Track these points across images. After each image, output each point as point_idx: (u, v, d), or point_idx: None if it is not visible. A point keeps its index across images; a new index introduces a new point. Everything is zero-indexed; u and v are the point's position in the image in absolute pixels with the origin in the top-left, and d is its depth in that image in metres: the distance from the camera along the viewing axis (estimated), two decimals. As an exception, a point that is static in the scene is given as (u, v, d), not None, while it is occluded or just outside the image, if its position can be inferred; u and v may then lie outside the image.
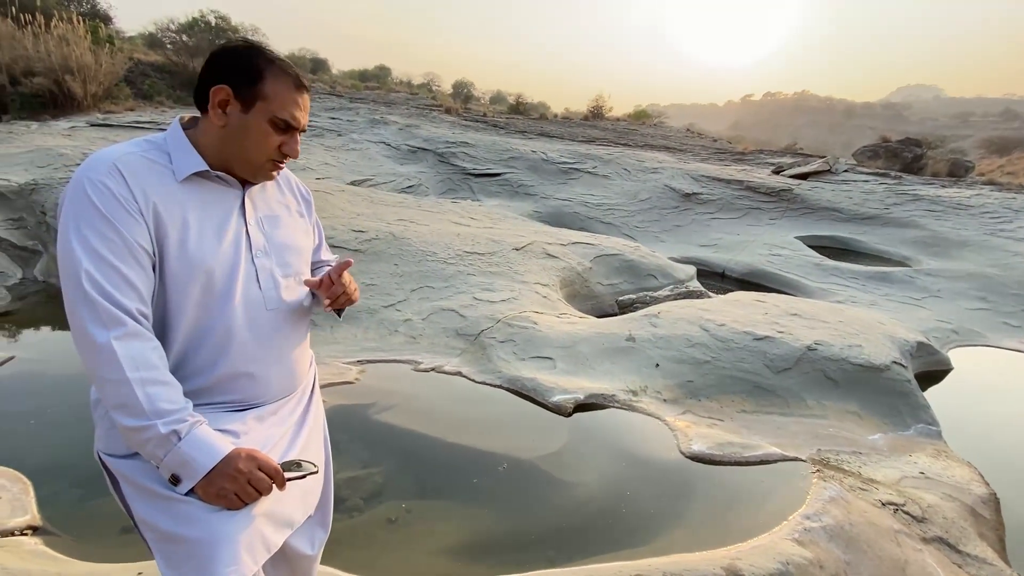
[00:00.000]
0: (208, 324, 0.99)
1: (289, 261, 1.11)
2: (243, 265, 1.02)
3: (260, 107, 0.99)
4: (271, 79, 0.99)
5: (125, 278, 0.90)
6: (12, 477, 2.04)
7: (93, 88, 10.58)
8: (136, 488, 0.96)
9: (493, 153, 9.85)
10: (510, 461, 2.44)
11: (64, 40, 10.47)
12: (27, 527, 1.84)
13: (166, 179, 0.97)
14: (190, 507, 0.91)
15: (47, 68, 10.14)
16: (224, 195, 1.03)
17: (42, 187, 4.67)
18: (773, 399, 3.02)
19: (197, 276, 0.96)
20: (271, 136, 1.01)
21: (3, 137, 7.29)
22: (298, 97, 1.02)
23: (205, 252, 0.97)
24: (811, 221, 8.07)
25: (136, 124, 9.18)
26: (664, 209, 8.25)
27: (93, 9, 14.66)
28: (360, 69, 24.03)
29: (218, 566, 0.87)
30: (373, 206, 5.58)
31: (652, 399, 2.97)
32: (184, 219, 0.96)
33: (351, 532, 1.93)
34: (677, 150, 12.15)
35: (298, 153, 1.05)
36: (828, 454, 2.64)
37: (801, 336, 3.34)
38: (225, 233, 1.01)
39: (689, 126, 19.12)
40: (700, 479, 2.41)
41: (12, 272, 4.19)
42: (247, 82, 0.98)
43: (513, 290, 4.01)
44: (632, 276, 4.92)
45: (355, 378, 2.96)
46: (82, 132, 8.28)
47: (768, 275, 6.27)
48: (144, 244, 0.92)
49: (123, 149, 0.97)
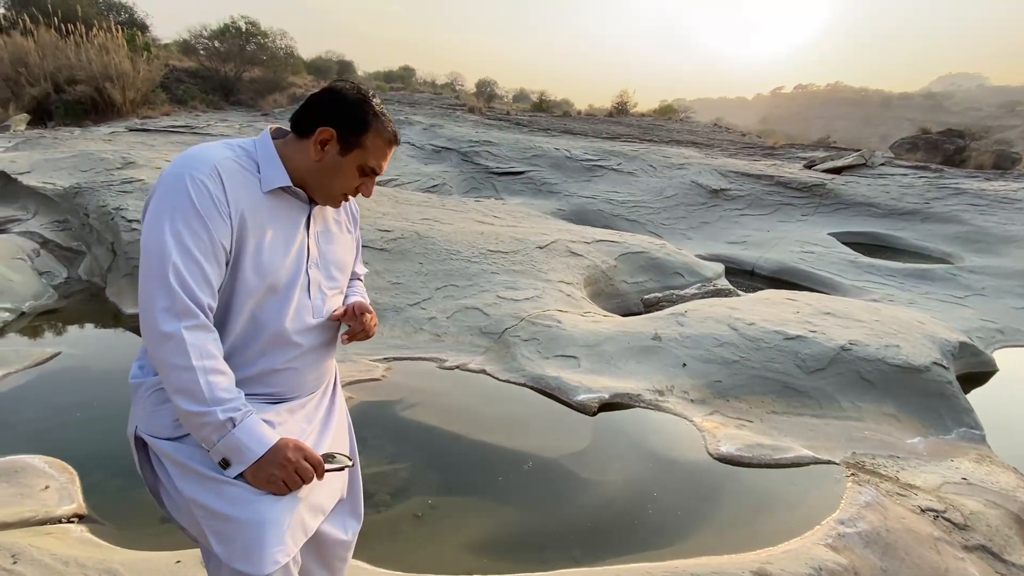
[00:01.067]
0: (263, 323, 1.06)
1: (335, 275, 1.19)
2: (301, 275, 1.10)
3: (357, 154, 1.08)
4: (373, 133, 1.07)
5: (205, 274, 0.97)
6: (59, 467, 2.13)
7: (131, 94, 11.00)
8: (183, 469, 1.02)
9: (516, 151, 9.84)
10: (535, 459, 2.44)
11: (104, 49, 10.91)
12: (73, 515, 1.93)
13: (253, 188, 1.04)
14: (238, 489, 0.97)
15: (88, 76, 10.60)
16: (296, 209, 1.11)
17: (85, 190, 4.87)
18: (805, 400, 2.94)
19: (264, 280, 1.04)
20: (356, 179, 1.11)
21: (49, 143, 7.65)
22: (388, 151, 1.11)
23: (276, 261, 1.05)
24: (845, 217, 7.81)
25: (171, 128, 9.50)
26: (691, 206, 8.10)
27: (131, 18, 15.22)
28: (385, 70, 24.32)
29: (266, 547, 0.94)
30: (398, 206, 5.64)
31: (679, 399, 2.93)
32: (263, 228, 1.04)
33: (378, 526, 1.96)
34: (704, 145, 11.92)
35: (371, 194, 1.16)
36: (864, 457, 2.55)
37: (835, 336, 3.24)
38: (293, 244, 1.09)
39: (716, 121, 18.74)
40: (728, 481, 2.37)
41: (58, 272, 4.39)
42: (352, 130, 1.06)
43: (537, 288, 4.01)
44: (658, 274, 4.86)
45: (382, 375, 3.00)
46: (122, 137, 8.61)
47: (800, 273, 6.10)
48: (225, 245, 0.99)
49: (222, 153, 1.03)
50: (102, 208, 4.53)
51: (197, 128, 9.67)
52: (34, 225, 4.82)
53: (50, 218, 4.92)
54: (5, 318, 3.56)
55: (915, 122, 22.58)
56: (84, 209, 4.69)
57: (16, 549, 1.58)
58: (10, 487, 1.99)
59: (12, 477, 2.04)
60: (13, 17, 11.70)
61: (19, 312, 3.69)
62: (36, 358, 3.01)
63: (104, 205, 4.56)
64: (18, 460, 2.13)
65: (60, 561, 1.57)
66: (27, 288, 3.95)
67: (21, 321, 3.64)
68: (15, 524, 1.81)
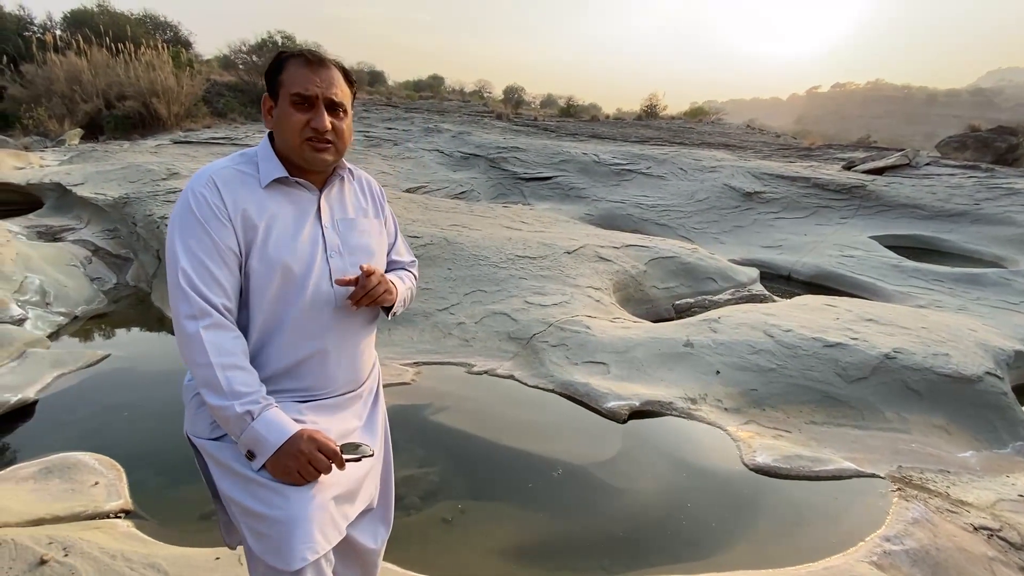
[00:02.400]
0: (283, 316, 1.08)
1: (360, 260, 1.16)
2: (318, 264, 1.10)
3: (282, 94, 1.08)
4: (288, 68, 1.08)
5: (214, 276, 1.02)
6: (108, 464, 2.23)
7: (176, 108, 11.52)
8: (221, 467, 1.07)
9: (544, 157, 9.84)
10: (564, 466, 2.42)
11: (151, 66, 11.47)
12: (120, 510, 2.01)
13: (253, 187, 1.08)
14: (268, 488, 1.00)
15: (136, 92, 11.15)
16: (302, 199, 1.13)
17: (133, 200, 5.12)
18: (846, 410, 2.82)
19: (275, 272, 1.06)
20: (295, 115, 1.07)
21: (100, 155, 8.07)
22: (309, 72, 1.07)
23: (282, 250, 1.07)
24: (888, 219, 7.50)
25: (212, 140, 9.89)
26: (723, 209, 7.93)
27: (176, 36, 15.96)
28: (415, 79, 24.76)
29: (295, 544, 0.96)
30: (427, 212, 5.71)
31: (712, 407, 2.85)
32: (266, 221, 1.07)
33: (407, 530, 1.98)
34: (737, 147, 11.66)
35: (324, 124, 1.07)
36: (911, 472, 2.43)
37: (878, 343, 3.10)
38: (301, 234, 1.10)
39: (749, 122, 18.31)
40: (765, 493, 2.29)
41: (108, 277, 4.61)
42: (273, 79, 1.10)
43: (565, 294, 3.99)
44: (689, 279, 4.76)
45: (412, 379, 3.04)
46: (167, 149, 9.02)
47: (839, 277, 5.88)
48: (232, 247, 1.04)
49: (221, 164, 1.10)
50: (148, 217, 4.75)
51: (236, 139, 10.04)
52: (87, 233, 5.08)
53: (101, 227, 5.18)
54: (60, 322, 3.76)
55: (962, 120, 21.54)
56: (132, 218, 4.92)
57: (68, 543, 1.65)
58: (63, 482, 2.09)
59: (65, 473, 2.14)
60: (68, 38, 12.44)
61: (72, 316, 3.90)
62: (87, 359, 3.16)
63: (150, 214, 4.78)
64: (71, 457, 2.24)
65: (108, 555, 1.64)
66: (80, 293, 4.17)
67: (74, 324, 3.84)
68: (67, 518, 1.90)
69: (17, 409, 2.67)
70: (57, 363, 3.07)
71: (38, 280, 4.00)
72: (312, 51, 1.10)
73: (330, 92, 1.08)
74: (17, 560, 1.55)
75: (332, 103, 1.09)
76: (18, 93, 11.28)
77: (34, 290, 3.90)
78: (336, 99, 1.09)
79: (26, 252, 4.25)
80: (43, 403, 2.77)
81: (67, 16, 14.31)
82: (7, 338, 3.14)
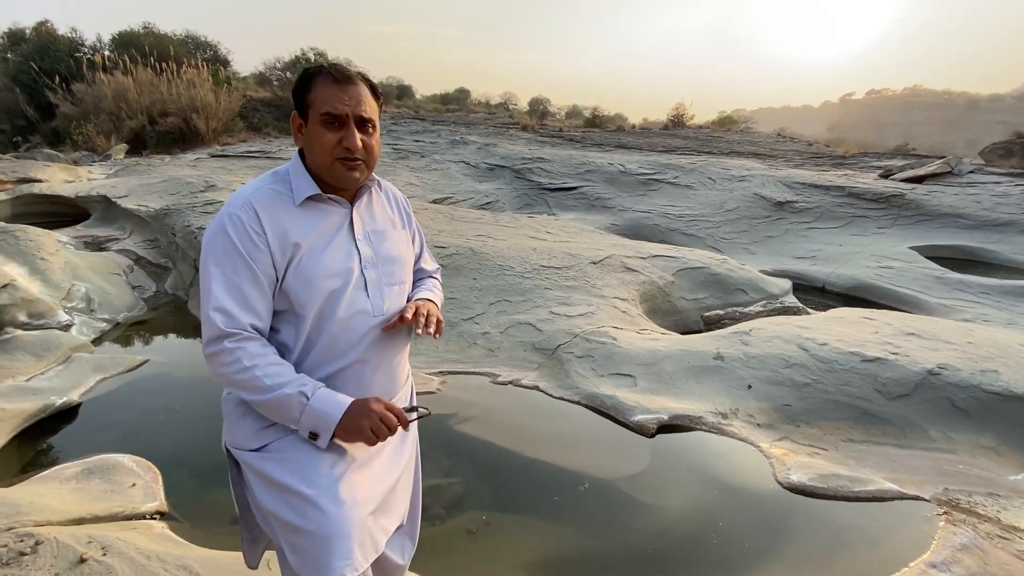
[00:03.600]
0: (322, 329, 1.09)
1: (394, 271, 1.19)
2: (354, 276, 1.12)
3: (312, 114, 1.08)
4: (315, 86, 1.07)
5: (246, 299, 1.04)
6: (145, 466, 2.30)
7: (214, 124, 12.00)
8: (262, 479, 1.07)
9: (569, 167, 9.85)
10: (590, 480, 2.38)
11: (191, 83, 12.00)
12: (156, 512, 2.07)
13: (288, 205, 1.09)
14: (308, 501, 1.00)
15: (178, 108, 11.67)
16: (334, 214, 1.13)
17: (173, 212, 5.33)
18: (887, 428, 2.70)
19: (314, 288, 1.07)
20: (326, 134, 1.07)
21: (143, 169, 8.45)
22: (338, 90, 1.06)
23: (319, 266, 1.08)
24: (929, 229, 7.22)
25: (247, 154, 10.24)
26: (754, 219, 7.77)
27: (215, 55, 16.65)
28: (442, 92, 25.19)
29: (334, 559, 0.96)
30: (453, 223, 5.77)
31: (744, 423, 2.77)
32: (302, 239, 1.07)
33: (432, 540, 1.97)
34: (767, 156, 11.44)
35: (355, 143, 1.08)
36: (958, 495, 2.31)
37: (920, 358, 2.97)
38: (336, 248, 1.11)
39: (780, 130, 17.95)
40: (800, 513, 2.20)
41: (148, 286, 4.80)
42: (302, 100, 1.09)
43: (591, 304, 3.95)
44: (719, 290, 4.66)
45: (437, 388, 3.05)
46: (205, 162, 9.37)
47: (877, 290, 5.67)
48: (265, 269, 1.05)
49: (255, 184, 1.11)
50: (186, 227, 4.93)
51: (271, 153, 10.37)
52: (129, 243, 5.31)
53: (143, 237, 5.41)
54: (103, 328, 3.92)
55: (1008, 125, 20.62)
56: (171, 229, 5.12)
57: (106, 542, 1.70)
58: (103, 483, 2.16)
59: (105, 474, 2.22)
60: (116, 58, 13.13)
61: (115, 322, 4.06)
62: (128, 364, 3.29)
63: (188, 225, 4.96)
64: (111, 458, 2.32)
65: (143, 555, 1.68)
66: (122, 301, 4.34)
67: (116, 331, 3.99)
68: (106, 518, 1.97)
69: (62, 411, 2.78)
70: (99, 368, 3.19)
71: (84, 288, 4.18)
72: (338, 67, 1.09)
73: (359, 109, 1.08)
74: (59, 558, 1.60)
75: (361, 120, 1.09)
76: (69, 111, 11.94)
77: (80, 297, 4.08)
78: (365, 115, 1.09)
79: (74, 261, 4.46)
80: (86, 406, 2.88)
81: (115, 37, 15.10)
82: (55, 343, 3.29)
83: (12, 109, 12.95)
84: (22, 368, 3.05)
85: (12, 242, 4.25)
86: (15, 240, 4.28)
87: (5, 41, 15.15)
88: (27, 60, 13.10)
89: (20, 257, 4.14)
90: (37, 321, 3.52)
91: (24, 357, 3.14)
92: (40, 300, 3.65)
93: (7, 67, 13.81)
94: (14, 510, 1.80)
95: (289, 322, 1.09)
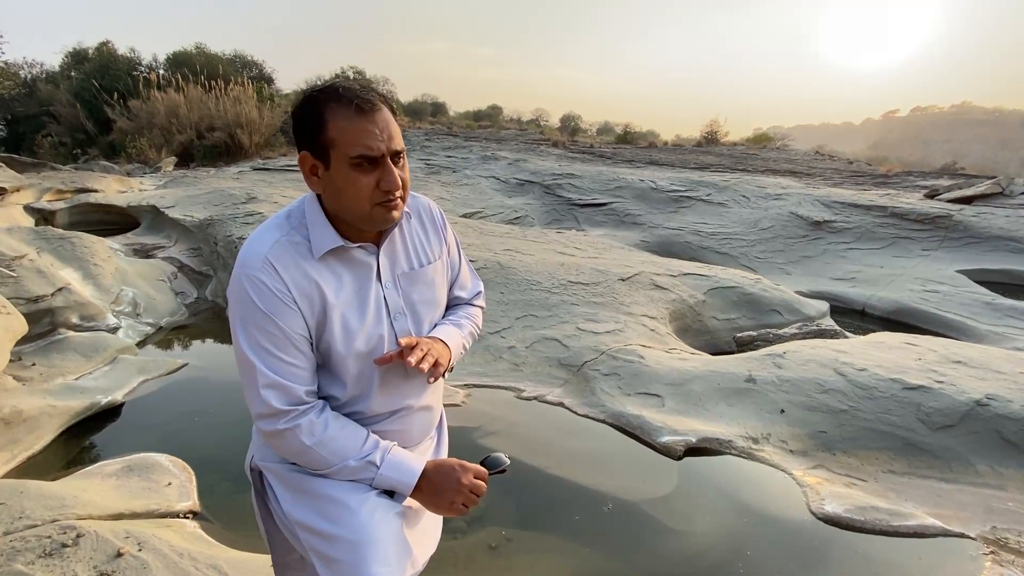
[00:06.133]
0: (363, 386, 1.04)
1: (423, 317, 1.10)
2: (385, 330, 1.03)
3: (335, 156, 0.91)
4: (333, 119, 0.90)
5: (290, 367, 0.96)
6: (180, 466, 2.39)
7: (256, 139, 12.55)
8: (291, 490, 1.05)
9: (599, 183, 9.84)
10: (614, 500, 2.34)
11: (237, 100, 12.59)
12: (189, 511, 2.14)
13: (309, 259, 0.97)
14: (343, 508, 0.97)
15: (223, 123, 12.26)
16: (360, 263, 1.02)
17: (216, 222, 5.56)
18: (931, 460, 2.57)
19: (346, 346, 1.00)
20: (361, 179, 0.92)
21: (190, 181, 8.87)
22: (365, 123, 0.90)
23: (350, 325, 1.00)
24: (978, 252, 6.89)
25: (287, 167, 10.63)
26: (790, 238, 7.57)
27: (260, 73, 17.44)
28: (474, 109, 25.66)
29: (371, 565, 0.92)
30: (482, 237, 5.83)
31: (776, 448, 2.68)
32: (330, 296, 0.98)
33: (453, 554, 1.97)
34: (804, 174, 11.17)
35: (397, 183, 0.94)
36: (1007, 534, 2.17)
37: (967, 388, 2.82)
38: (366, 302, 1.02)
39: (819, 148, 17.53)
40: (835, 546, 2.11)
41: (190, 292, 5.01)
42: (315, 138, 0.92)
43: (618, 321, 3.92)
44: (752, 311, 4.55)
45: (462, 401, 3.06)
46: (247, 175, 9.77)
47: (921, 314, 5.43)
48: (301, 331, 0.96)
49: (271, 237, 0.97)
50: (228, 237, 5.14)
51: (309, 166, 10.72)
52: (174, 251, 5.57)
53: (187, 245, 5.66)
54: (147, 331, 4.10)
55: (1066, 144, 19.57)
56: (214, 238, 5.34)
57: (142, 538, 1.77)
58: (141, 481, 2.25)
59: (144, 472, 2.31)
60: (169, 76, 13.92)
61: (158, 327, 4.25)
62: (169, 367, 3.43)
63: (230, 235, 5.17)
64: (149, 457, 2.42)
65: (176, 553, 1.74)
66: (166, 306, 4.54)
67: (159, 335, 4.18)
68: (142, 515, 2.04)
69: (106, 410, 2.92)
70: (142, 369, 3.34)
71: (131, 293, 4.40)
72: (356, 91, 0.91)
73: (393, 143, 0.93)
74: (98, 551, 1.67)
75: (396, 153, 0.94)
76: (125, 125, 12.70)
77: (128, 302, 4.29)
78: (398, 148, 0.95)
79: (123, 267, 4.71)
80: (128, 406, 3.02)
81: (170, 57, 16.04)
82: (103, 344, 3.47)
83: (73, 124, 13.86)
84: (72, 367, 3.22)
85: (69, 248, 4.52)
86: (71, 246, 4.54)
87: (70, 60, 16.26)
88: (89, 78, 14.04)
89: (75, 262, 4.40)
90: (88, 323, 3.72)
91: (74, 357, 3.31)
92: (91, 303, 3.85)
93: (71, 84, 14.82)
94: (59, 503, 1.89)
95: (334, 380, 1.04)
